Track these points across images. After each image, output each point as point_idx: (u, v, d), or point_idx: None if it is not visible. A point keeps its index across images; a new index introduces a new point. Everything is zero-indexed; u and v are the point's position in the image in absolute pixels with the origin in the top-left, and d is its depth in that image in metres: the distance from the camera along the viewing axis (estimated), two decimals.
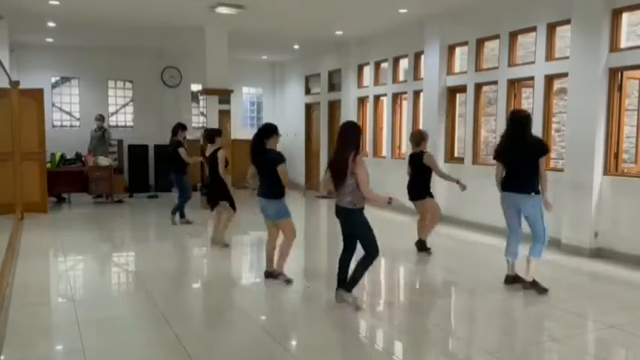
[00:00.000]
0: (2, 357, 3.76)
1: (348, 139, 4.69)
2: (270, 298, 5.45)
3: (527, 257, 5.31)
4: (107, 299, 5.29)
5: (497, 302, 5.21)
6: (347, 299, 4.77)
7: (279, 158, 5.43)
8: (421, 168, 6.72)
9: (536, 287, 5.24)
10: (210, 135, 7.41)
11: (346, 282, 4.89)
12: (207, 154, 7.32)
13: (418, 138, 6.85)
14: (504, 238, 7.84)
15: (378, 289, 5.80)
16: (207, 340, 4.14)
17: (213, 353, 3.94)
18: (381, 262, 6.94)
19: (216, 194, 7.25)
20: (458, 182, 6.67)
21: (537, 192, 5.18)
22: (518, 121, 5.28)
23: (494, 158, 5.51)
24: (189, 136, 12.92)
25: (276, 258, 5.69)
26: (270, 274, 5.72)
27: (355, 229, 4.77)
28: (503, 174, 5.41)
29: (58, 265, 6.76)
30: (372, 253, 4.72)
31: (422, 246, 6.90)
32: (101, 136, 11.90)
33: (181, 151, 8.68)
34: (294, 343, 4.22)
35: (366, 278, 6.11)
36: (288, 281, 5.55)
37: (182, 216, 8.94)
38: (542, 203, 5.21)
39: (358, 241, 4.81)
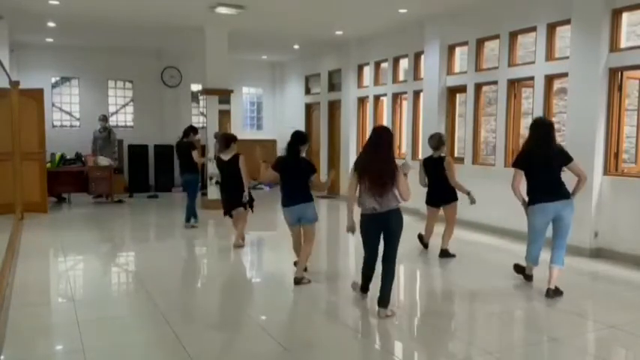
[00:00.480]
0: (2, 357, 3.76)
1: (389, 146, 4.62)
2: (270, 298, 5.45)
3: (550, 266, 5.19)
4: (107, 299, 5.29)
5: (497, 302, 5.21)
6: (388, 314, 4.60)
7: (314, 168, 5.67)
8: (443, 172, 6.63)
9: (558, 293, 5.15)
10: (227, 140, 7.28)
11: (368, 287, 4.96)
12: (225, 159, 7.11)
13: (437, 142, 6.73)
14: (503, 237, 7.88)
15: (377, 290, 5.79)
16: (207, 340, 4.14)
17: (213, 353, 3.95)
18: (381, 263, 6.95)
19: (238, 199, 7.06)
20: (469, 194, 6.50)
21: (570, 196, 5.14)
22: (548, 129, 5.19)
23: (516, 166, 5.31)
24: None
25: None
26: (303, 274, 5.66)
27: (400, 230, 4.68)
28: (524, 183, 5.25)
29: (58, 265, 6.76)
30: (396, 255, 4.69)
31: (447, 253, 6.79)
32: (107, 137, 11.91)
33: (194, 153, 8.53)
34: (294, 342, 4.22)
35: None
36: (310, 281, 5.58)
37: (188, 219, 8.70)
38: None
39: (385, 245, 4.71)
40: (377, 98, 11.38)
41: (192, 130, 8.81)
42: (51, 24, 10.23)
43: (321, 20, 9.96)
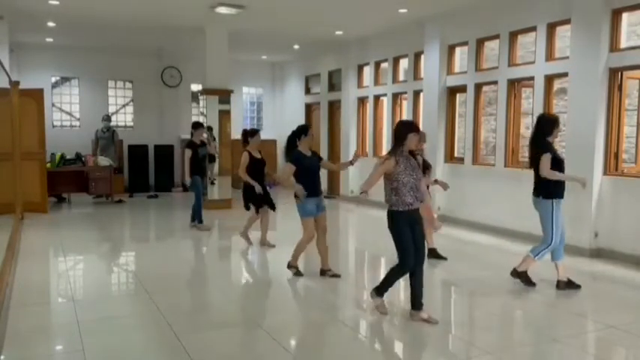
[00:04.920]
0: (2, 357, 3.76)
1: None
2: (270, 298, 5.45)
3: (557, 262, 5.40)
4: (107, 299, 5.29)
5: (496, 302, 5.21)
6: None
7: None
8: None
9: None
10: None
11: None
12: (259, 157, 7.17)
13: None
14: (503, 237, 7.87)
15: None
16: (207, 340, 4.14)
17: (213, 353, 3.94)
18: (381, 262, 6.95)
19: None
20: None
21: (545, 196, 5.23)
22: (536, 124, 5.39)
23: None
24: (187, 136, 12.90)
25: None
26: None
27: (390, 230, 4.57)
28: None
29: (58, 265, 6.76)
30: (399, 254, 4.55)
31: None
32: (110, 137, 11.92)
33: (187, 152, 8.24)
34: (294, 343, 4.22)
35: (365, 279, 6.13)
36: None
37: (193, 219, 8.48)
38: (553, 206, 5.22)
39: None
40: (377, 98, 11.38)
41: (193, 126, 8.54)
42: (51, 24, 10.23)
43: (321, 20, 9.96)
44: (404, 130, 4.40)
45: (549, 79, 7.58)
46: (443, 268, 6.58)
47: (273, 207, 7.22)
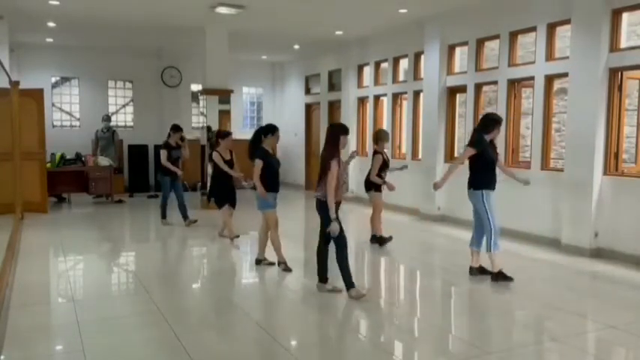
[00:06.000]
0: (2, 357, 3.76)
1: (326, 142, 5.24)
2: (270, 297, 5.45)
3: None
4: (107, 299, 5.29)
5: (496, 302, 5.21)
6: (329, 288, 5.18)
7: None
8: None
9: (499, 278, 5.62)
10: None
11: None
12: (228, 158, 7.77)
13: None
14: (503, 237, 7.86)
15: (376, 289, 5.80)
16: (207, 339, 4.14)
17: (213, 353, 3.94)
18: (381, 262, 6.96)
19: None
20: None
21: (475, 187, 5.65)
22: (479, 119, 5.98)
23: None
24: (188, 136, 12.91)
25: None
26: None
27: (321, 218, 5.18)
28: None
29: (58, 265, 6.76)
30: (337, 243, 5.06)
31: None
32: (110, 137, 11.93)
33: (162, 152, 8.64)
34: (293, 342, 4.22)
35: (365, 277, 6.15)
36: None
37: (185, 217, 8.78)
38: (483, 196, 5.62)
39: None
40: (377, 98, 11.38)
41: (171, 129, 8.88)
42: (51, 24, 10.23)
43: (321, 20, 9.96)
44: (338, 132, 5.15)
45: (549, 79, 7.58)
46: (442, 268, 6.57)
47: (234, 205, 7.76)
